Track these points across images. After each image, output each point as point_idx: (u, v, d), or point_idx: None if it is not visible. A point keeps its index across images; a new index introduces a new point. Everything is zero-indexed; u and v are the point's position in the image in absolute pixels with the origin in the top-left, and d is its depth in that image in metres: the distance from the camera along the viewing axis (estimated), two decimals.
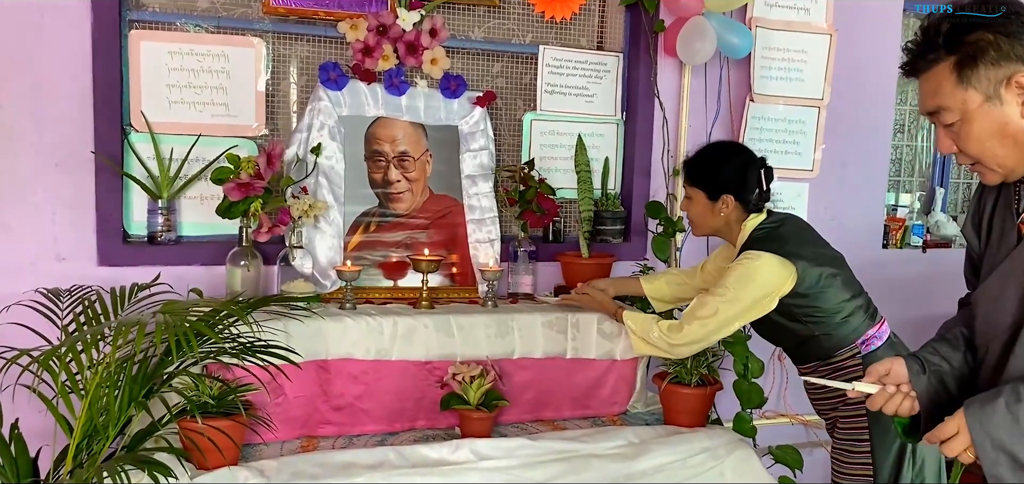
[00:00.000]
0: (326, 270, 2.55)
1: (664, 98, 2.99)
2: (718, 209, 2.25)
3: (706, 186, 2.26)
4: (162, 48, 2.48)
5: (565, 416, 2.57)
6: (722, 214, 2.25)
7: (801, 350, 2.24)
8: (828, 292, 2.13)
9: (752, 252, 2.15)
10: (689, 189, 2.31)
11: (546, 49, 2.88)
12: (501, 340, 2.47)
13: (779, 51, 3.07)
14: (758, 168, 2.24)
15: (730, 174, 2.24)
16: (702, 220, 2.30)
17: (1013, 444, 1.41)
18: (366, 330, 2.33)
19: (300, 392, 2.27)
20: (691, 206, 2.32)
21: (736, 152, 2.30)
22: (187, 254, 2.51)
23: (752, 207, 2.24)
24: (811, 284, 2.12)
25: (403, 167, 2.69)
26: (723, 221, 2.26)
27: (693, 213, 2.31)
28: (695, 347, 2.22)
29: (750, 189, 2.23)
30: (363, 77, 2.64)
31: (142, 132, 2.47)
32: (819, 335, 2.16)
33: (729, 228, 2.27)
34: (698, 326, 2.16)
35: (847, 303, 2.15)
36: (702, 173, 2.28)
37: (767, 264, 2.12)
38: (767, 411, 3.23)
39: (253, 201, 2.36)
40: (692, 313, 2.18)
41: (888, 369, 1.62)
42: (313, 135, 2.57)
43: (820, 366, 2.19)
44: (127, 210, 2.49)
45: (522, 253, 2.75)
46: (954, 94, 1.48)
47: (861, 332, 2.14)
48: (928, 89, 1.52)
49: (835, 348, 2.16)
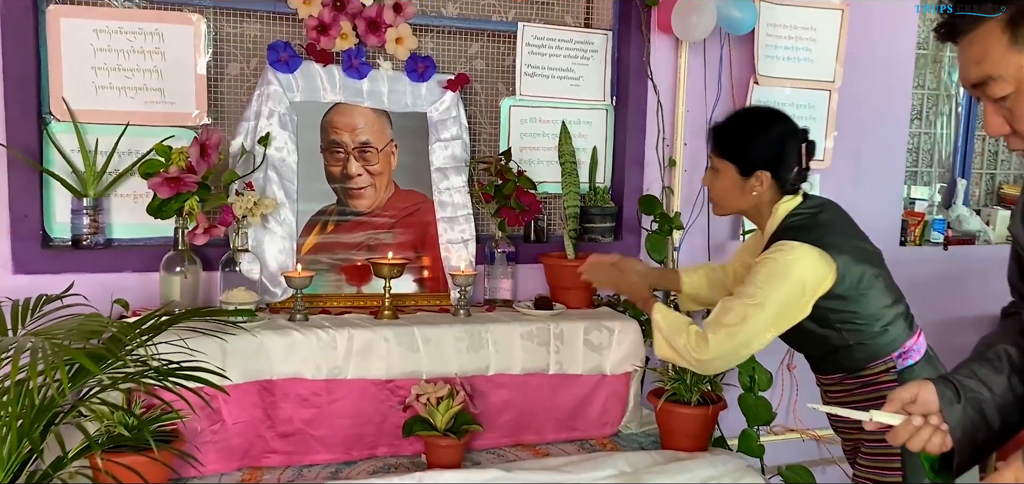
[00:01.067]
0: (276, 276, 2.27)
1: (658, 80, 2.72)
2: (750, 187, 1.88)
3: (738, 159, 1.88)
4: (86, 26, 2.19)
5: (548, 440, 2.33)
6: (754, 194, 1.88)
7: (828, 360, 1.90)
8: (869, 295, 1.80)
9: (786, 243, 1.79)
10: (717, 161, 1.93)
11: (526, 27, 2.59)
12: (474, 354, 2.22)
13: (786, 28, 2.81)
14: (799, 140, 1.89)
15: (767, 147, 1.88)
16: (728, 198, 1.93)
17: None
18: (317, 345, 2.06)
19: (240, 418, 2.00)
20: (717, 181, 1.93)
21: (774, 120, 1.92)
22: (118, 260, 2.22)
23: (788, 187, 1.89)
24: (852, 284, 1.78)
25: (364, 159, 2.41)
26: (754, 201, 1.90)
27: (718, 189, 1.93)
28: (723, 363, 1.85)
29: (788, 165, 1.87)
30: (318, 58, 2.36)
31: (64, 121, 2.18)
32: (853, 345, 1.82)
33: (758, 211, 1.91)
34: (725, 337, 1.79)
35: (888, 310, 1.82)
36: (735, 143, 1.90)
37: (804, 257, 1.76)
38: (776, 426, 3.01)
39: (187, 198, 2.07)
40: (717, 321, 1.81)
41: (915, 395, 1.31)
42: (261, 124, 2.29)
43: (846, 378, 1.86)
44: (47, 210, 2.20)
45: (500, 255, 2.49)
46: (1007, 60, 1.18)
47: (899, 344, 1.82)
48: (973, 55, 1.21)
49: (869, 359, 1.82)
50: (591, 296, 2.53)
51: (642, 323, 2.45)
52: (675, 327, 1.87)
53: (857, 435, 1.89)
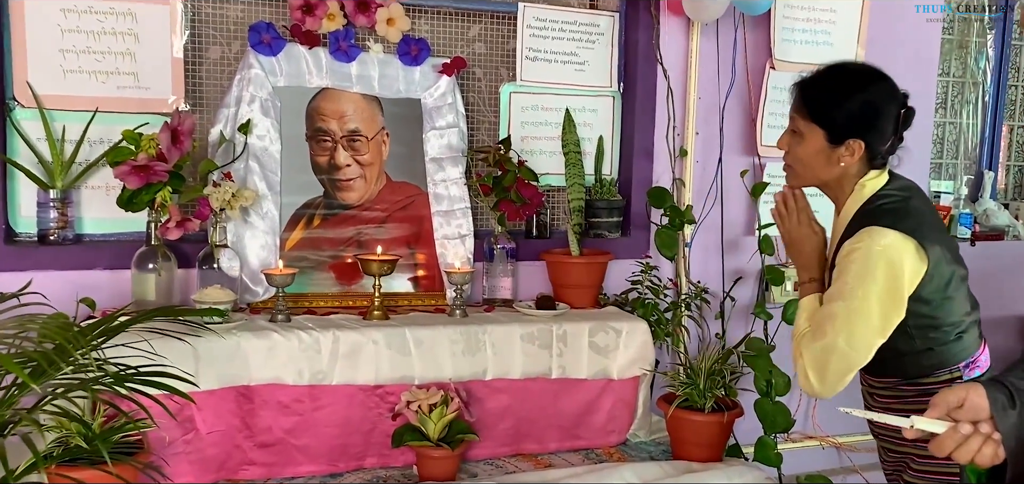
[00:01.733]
0: (258, 274, 2.12)
1: (668, 65, 2.60)
2: (838, 157, 1.65)
3: (828, 123, 1.64)
4: (53, 5, 2.06)
5: (551, 449, 2.20)
6: (841, 164, 1.66)
7: (887, 364, 1.67)
8: (955, 299, 1.61)
9: (876, 229, 1.58)
10: (801, 121, 1.69)
11: (527, 7, 2.45)
12: (470, 358, 2.09)
13: (804, 9, 2.69)
14: (898, 106, 1.67)
15: (864, 111, 1.64)
16: (808, 166, 1.69)
17: None
18: (299, 348, 1.93)
19: (215, 426, 1.87)
20: (800, 145, 1.69)
21: (872, 82, 1.67)
22: (87, 256, 2.09)
23: (878, 161, 1.67)
24: (939, 286, 1.59)
25: (353, 148, 2.27)
26: (838, 173, 1.67)
27: (799, 155, 1.69)
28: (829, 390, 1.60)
29: (884, 135, 1.66)
30: (304, 40, 2.22)
31: (29, 108, 2.05)
32: (922, 351, 1.62)
33: (840, 185, 1.70)
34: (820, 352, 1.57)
35: (967, 316, 1.64)
36: (826, 104, 1.65)
37: (898, 247, 1.55)
38: (794, 433, 2.89)
39: (159, 189, 1.92)
40: (813, 336, 1.60)
41: (962, 399, 1.15)
42: (242, 110, 2.16)
43: (903, 384, 1.65)
44: (12, 203, 2.07)
45: (499, 251, 2.36)
46: None
47: (969, 353, 1.64)
48: None
49: (935, 367, 1.63)
50: (597, 295, 2.38)
51: (651, 324, 2.30)
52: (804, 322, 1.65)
53: (906, 447, 1.69)
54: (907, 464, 1.68)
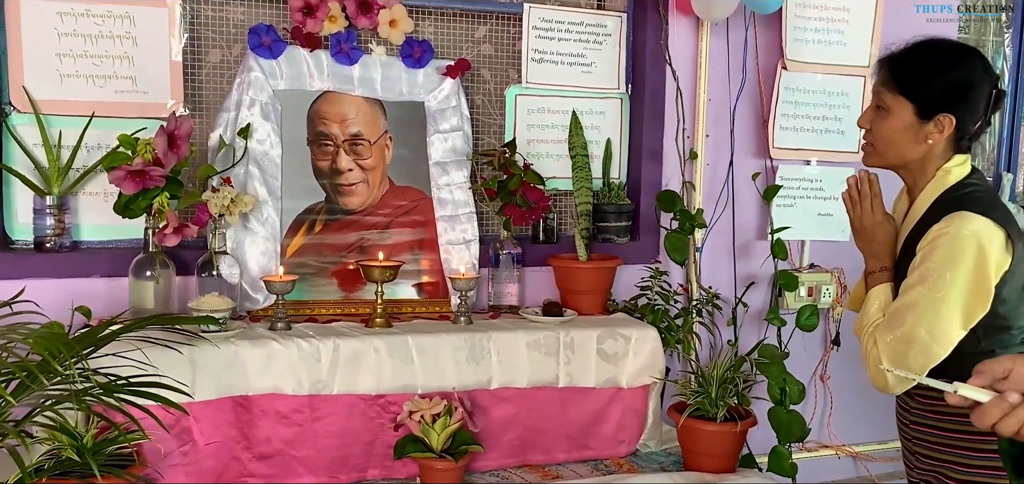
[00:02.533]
0: (257, 281, 2.08)
1: (677, 66, 2.55)
2: (925, 134, 1.60)
3: (918, 96, 1.59)
4: (49, 8, 2.03)
5: (558, 460, 2.16)
6: (929, 142, 1.60)
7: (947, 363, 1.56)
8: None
9: (965, 214, 1.53)
10: (888, 96, 1.64)
11: (533, 8, 2.41)
12: (475, 366, 2.04)
13: (816, 8, 2.64)
14: (991, 85, 1.61)
15: (957, 84, 1.59)
16: (894, 144, 1.62)
17: None
18: (298, 356, 1.88)
19: (213, 437, 1.83)
20: (885, 121, 1.64)
21: (965, 56, 1.64)
22: (85, 263, 2.05)
23: (965, 144, 1.62)
24: (1017, 286, 1.53)
25: (356, 152, 2.23)
26: (923, 153, 1.62)
27: (884, 130, 1.63)
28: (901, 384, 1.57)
29: (975, 113, 1.60)
30: (305, 42, 2.19)
31: (25, 113, 2.02)
32: (985, 352, 1.53)
33: (922, 168, 1.64)
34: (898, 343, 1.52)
35: None
36: (917, 77, 1.61)
37: (990, 233, 1.50)
38: (809, 443, 2.83)
39: (156, 194, 1.88)
40: (889, 326, 1.55)
41: (1008, 369, 1.09)
42: (242, 114, 2.13)
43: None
44: (7, 210, 2.04)
45: (505, 256, 2.33)
46: None
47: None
48: None
49: None
50: (605, 301, 2.33)
51: (661, 330, 2.25)
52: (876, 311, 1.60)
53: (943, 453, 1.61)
54: (944, 474, 1.60)
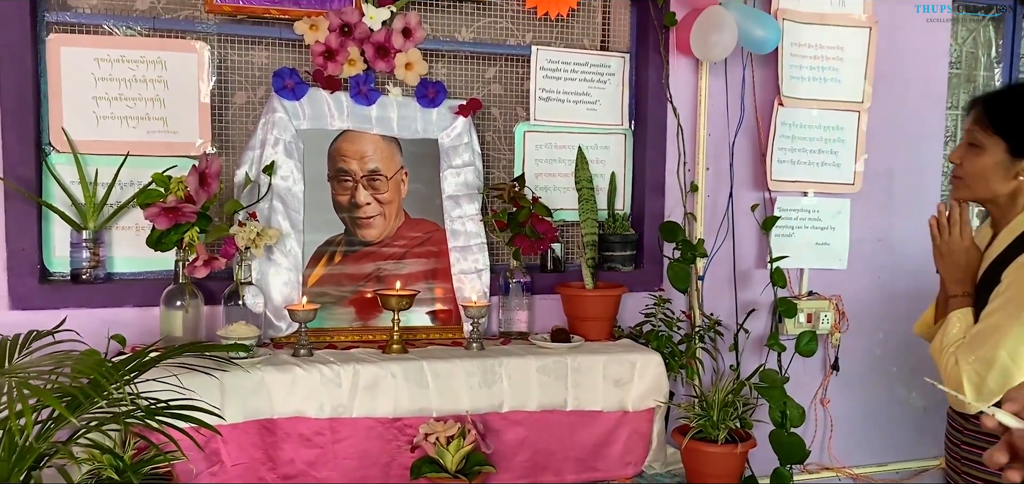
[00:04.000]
0: (281, 310, 2.19)
1: (678, 103, 2.64)
2: (1016, 171, 1.75)
3: (1013, 135, 1.74)
4: (87, 54, 2.15)
5: (568, 481, 2.23)
6: (1019, 179, 1.75)
7: None
8: None
9: None
10: (982, 135, 1.78)
11: (540, 50, 2.52)
12: (487, 390, 2.12)
13: (811, 47, 2.73)
14: None
15: None
16: (985, 180, 1.76)
17: None
18: (320, 382, 1.98)
19: (239, 459, 1.93)
20: (977, 158, 1.78)
21: None
22: (118, 294, 2.16)
23: None
24: None
25: (373, 187, 2.34)
26: (1012, 189, 1.76)
27: (975, 168, 1.77)
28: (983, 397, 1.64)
29: None
30: (325, 84, 2.30)
31: (64, 152, 2.14)
32: None
33: (1011, 202, 1.78)
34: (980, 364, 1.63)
35: None
36: (1012, 117, 1.75)
37: None
38: (810, 464, 2.92)
39: (186, 229, 2.00)
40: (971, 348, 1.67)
41: None
42: (267, 152, 2.23)
43: None
44: (46, 244, 2.15)
45: (514, 285, 2.41)
46: None
47: None
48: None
49: None
50: (611, 328, 2.42)
51: (665, 356, 2.34)
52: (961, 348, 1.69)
53: None
54: None
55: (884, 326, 2.95)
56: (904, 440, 3.04)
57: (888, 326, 2.96)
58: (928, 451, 3.04)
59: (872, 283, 2.94)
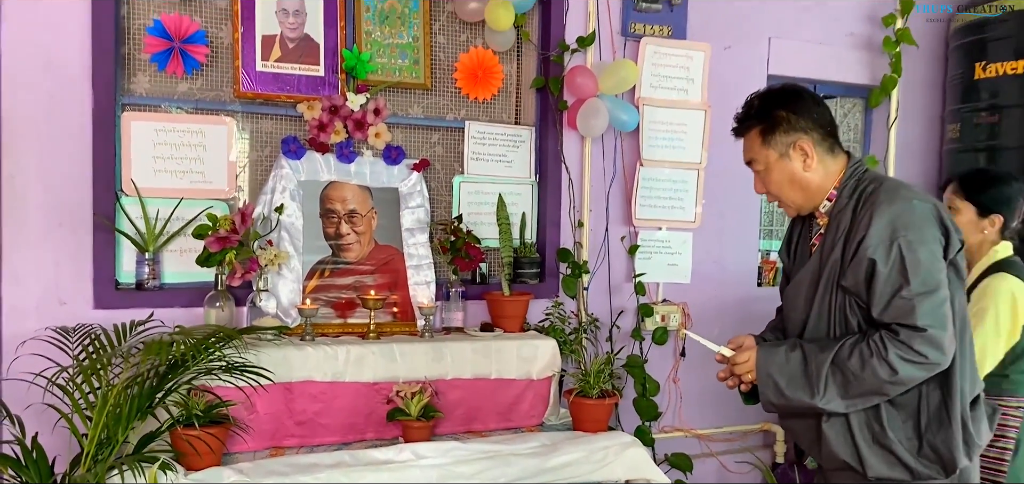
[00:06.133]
0: (288, 309, 3.03)
1: (569, 163, 3.48)
2: (982, 227, 2.63)
3: (977, 203, 2.63)
4: (149, 126, 2.95)
5: (491, 428, 2.99)
6: (984, 232, 2.63)
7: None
8: None
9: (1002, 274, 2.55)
10: (960, 202, 2.67)
11: (471, 124, 3.45)
12: (437, 364, 2.95)
13: (663, 124, 3.58)
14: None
15: (1005, 196, 2.61)
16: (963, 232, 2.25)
17: (778, 377, 2.02)
18: (323, 357, 2.79)
19: (269, 409, 2.72)
20: (956, 216, 2.64)
21: (1012, 179, 2.67)
22: (169, 298, 2.94)
23: (1007, 234, 2.64)
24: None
25: (352, 222, 3.20)
26: (979, 240, 2.64)
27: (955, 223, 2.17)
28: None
29: (1016, 217, 2.63)
30: (318, 148, 3.15)
31: (132, 196, 2.91)
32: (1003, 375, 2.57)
33: (978, 248, 2.65)
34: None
35: None
36: (976, 190, 2.64)
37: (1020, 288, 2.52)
38: (665, 426, 3.76)
39: (229, 252, 2.84)
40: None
41: (742, 342, 2.19)
42: (276, 197, 3.06)
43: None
44: (118, 261, 2.91)
45: (454, 293, 3.25)
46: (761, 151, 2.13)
47: None
48: (745, 146, 2.16)
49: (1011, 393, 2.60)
50: (522, 323, 3.34)
51: (560, 343, 3.25)
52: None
53: None
54: None
55: (718, 323, 3.72)
56: (733, 409, 3.79)
57: (721, 323, 3.71)
58: (751, 418, 3.88)
59: (709, 293, 3.79)
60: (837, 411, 2.03)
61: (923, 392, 2.01)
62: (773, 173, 2.15)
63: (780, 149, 2.13)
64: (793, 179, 2.14)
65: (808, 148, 2.09)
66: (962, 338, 2.01)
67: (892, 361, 1.92)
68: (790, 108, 2.12)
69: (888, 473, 2.01)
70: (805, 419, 2.14)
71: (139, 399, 2.27)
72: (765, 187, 2.19)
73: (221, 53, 3.06)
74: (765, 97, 2.18)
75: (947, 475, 1.98)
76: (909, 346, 1.91)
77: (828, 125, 2.13)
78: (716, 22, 3.76)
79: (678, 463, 3.62)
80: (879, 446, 2.02)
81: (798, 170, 2.12)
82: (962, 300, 2.04)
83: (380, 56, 3.24)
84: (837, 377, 2.00)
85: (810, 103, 2.12)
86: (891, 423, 2.01)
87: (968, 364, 2.03)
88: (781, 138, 2.12)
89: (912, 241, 1.93)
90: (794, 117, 2.11)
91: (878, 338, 1.95)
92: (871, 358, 1.94)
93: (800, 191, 2.15)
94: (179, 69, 2.93)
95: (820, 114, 2.12)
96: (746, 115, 2.20)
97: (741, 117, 2.23)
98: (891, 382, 1.94)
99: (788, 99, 2.14)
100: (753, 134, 2.19)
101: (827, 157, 2.12)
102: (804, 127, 2.10)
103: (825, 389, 2.00)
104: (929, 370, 1.94)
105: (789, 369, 2.06)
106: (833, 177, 2.12)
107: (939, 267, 1.95)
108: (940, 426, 1.99)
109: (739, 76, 3.80)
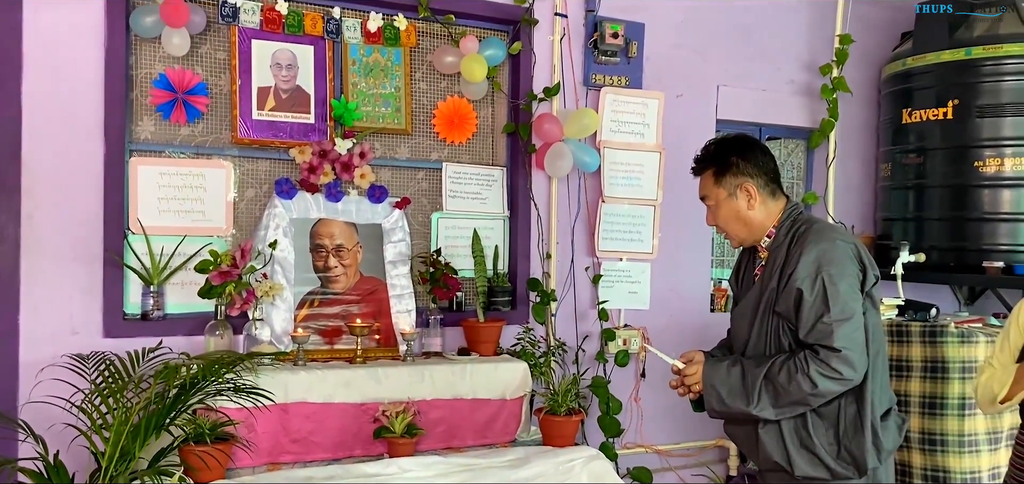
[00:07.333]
0: (280, 337, 3.30)
1: (538, 200, 3.80)
2: None
3: None
4: (155, 170, 3.22)
5: (469, 444, 3.24)
6: None
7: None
8: None
9: None
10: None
11: (448, 165, 3.77)
12: (419, 386, 3.22)
13: (622, 165, 3.91)
14: None
15: None
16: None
17: (720, 388, 2.36)
18: (315, 380, 3.06)
19: (267, 428, 2.98)
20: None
21: None
22: (172, 327, 3.19)
23: None
24: None
25: (339, 256, 3.49)
26: None
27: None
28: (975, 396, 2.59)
29: None
30: (309, 189, 3.44)
31: (138, 234, 3.18)
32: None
33: None
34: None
35: None
36: None
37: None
38: (628, 442, 4.05)
39: (229, 285, 3.11)
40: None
41: (692, 357, 2.52)
42: (270, 233, 3.34)
43: None
44: (126, 294, 3.17)
45: (433, 320, 3.51)
46: (713, 189, 2.47)
47: None
48: (701, 184, 2.51)
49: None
50: (496, 347, 3.63)
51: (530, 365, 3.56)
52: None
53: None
54: None
55: (676, 347, 3.76)
56: (690, 426, 4.01)
57: (679, 346, 3.73)
58: (708, 433, 4.12)
59: (666, 318, 4.08)
60: (769, 418, 2.37)
61: (842, 404, 2.36)
62: (722, 209, 2.51)
63: (729, 189, 2.49)
64: (738, 216, 2.50)
65: (752, 190, 2.45)
66: (875, 359, 2.36)
67: (813, 376, 2.27)
68: (740, 155, 2.49)
69: (812, 473, 2.36)
70: (745, 426, 2.48)
71: (157, 416, 2.52)
72: (714, 220, 2.55)
73: (220, 102, 3.34)
74: (720, 144, 2.55)
75: (860, 475, 2.34)
76: (827, 364, 2.27)
77: (771, 172, 2.48)
78: (669, 72, 4.14)
79: (640, 476, 3.94)
80: (805, 450, 2.37)
81: (743, 208, 2.48)
82: (877, 325, 2.40)
83: (365, 105, 3.55)
84: (769, 389, 2.34)
85: (758, 153, 2.48)
86: (816, 430, 2.36)
87: (879, 381, 2.39)
88: (731, 179, 2.49)
89: (834, 275, 2.29)
90: (743, 163, 2.48)
91: (803, 357, 2.31)
92: (796, 373, 2.29)
93: (744, 226, 2.51)
94: (182, 118, 3.21)
95: (765, 162, 2.47)
96: (704, 157, 2.56)
97: (699, 159, 2.59)
98: (812, 394, 2.29)
99: (739, 147, 2.51)
100: (708, 174, 2.55)
101: (769, 199, 2.47)
102: (750, 172, 2.47)
103: (759, 399, 2.35)
104: (844, 385, 2.29)
105: (730, 381, 2.40)
106: (773, 216, 2.48)
107: (856, 298, 2.31)
108: (855, 433, 2.34)
109: (690, 121, 4.14)
